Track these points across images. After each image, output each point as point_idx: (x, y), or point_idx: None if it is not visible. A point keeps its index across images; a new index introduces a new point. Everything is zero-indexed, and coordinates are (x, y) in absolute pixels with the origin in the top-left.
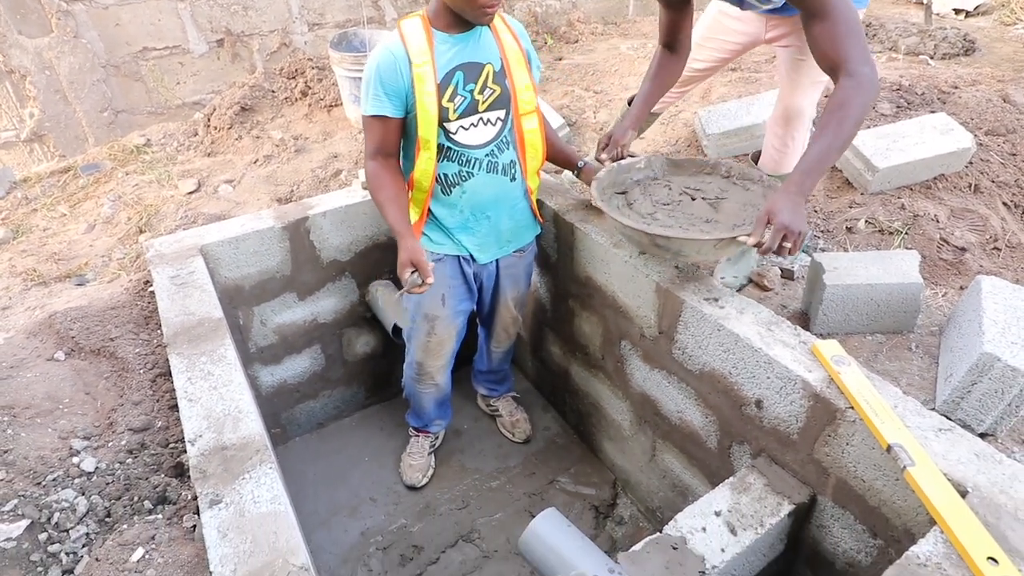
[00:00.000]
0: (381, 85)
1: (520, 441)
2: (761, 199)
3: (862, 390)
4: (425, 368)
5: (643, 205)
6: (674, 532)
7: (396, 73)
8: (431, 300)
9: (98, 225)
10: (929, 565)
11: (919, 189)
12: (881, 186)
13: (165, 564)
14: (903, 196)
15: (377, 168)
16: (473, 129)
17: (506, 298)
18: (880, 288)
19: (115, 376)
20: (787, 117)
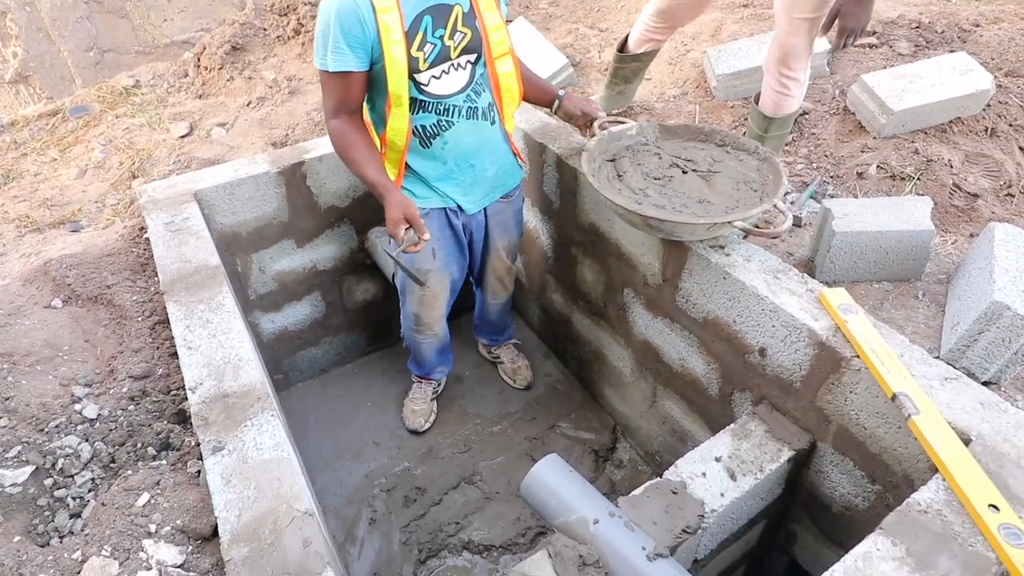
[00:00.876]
0: (342, 35)
1: (521, 387)
2: (755, 172)
3: (869, 339)
4: (423, 320)
5: (634, 178)
6: (674, 477)
7: (358, 21)
8: (422, 255)
9: (90, 170)
10: (930, 512)
11: (934, 133)
12: (895, 130)
13: (171, 508)
14: (917, 140)
15: (342, 126)
16: (445, 77)
17: (497, 248)
18: (890, 235)
19: (113, 323)
20: (783, 56)
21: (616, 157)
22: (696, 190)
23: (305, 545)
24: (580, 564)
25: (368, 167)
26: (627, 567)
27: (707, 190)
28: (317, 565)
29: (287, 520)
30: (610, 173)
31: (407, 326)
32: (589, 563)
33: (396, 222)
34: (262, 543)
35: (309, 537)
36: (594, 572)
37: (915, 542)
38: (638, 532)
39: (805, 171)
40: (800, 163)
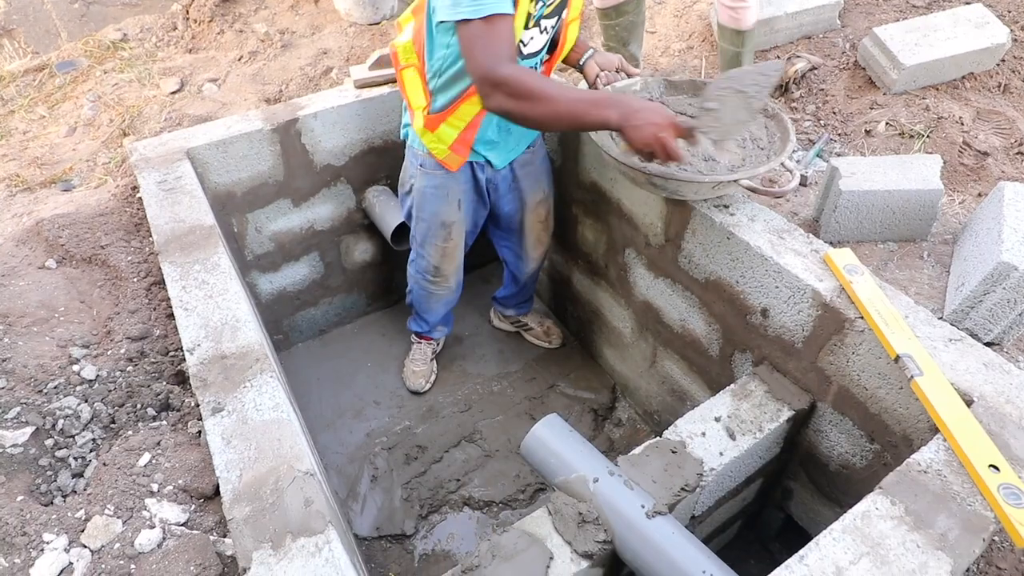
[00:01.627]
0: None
1: (557, 346)
2: (762, 130)
3: (873, 300)
4: (442, 271)
5: None
6: (674, 436)
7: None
8: (448, 207)
9: (79, 127)
10: (930, 472)
11: (945, 89)
12: (906, 85)
13: (172, 468)
14: (928, 96)
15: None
16: (536, 37)
17: (531, 202)
18: (898, 195)
19: (109, 284)
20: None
21: None
22: (701, 147)
23: (307, 504)
24: (579, 521)
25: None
26: (626, 524)
27: (712, 147)
28: (319, 524)
29: (288, 480)
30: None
31: (421, 280)
32: (588, 520)
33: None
34: (264, 503)
35: (311, 497)
36: (593, 529)
37: (914, 501)
38: (637, 490)
39: (812, 129)
40: (807, 120)
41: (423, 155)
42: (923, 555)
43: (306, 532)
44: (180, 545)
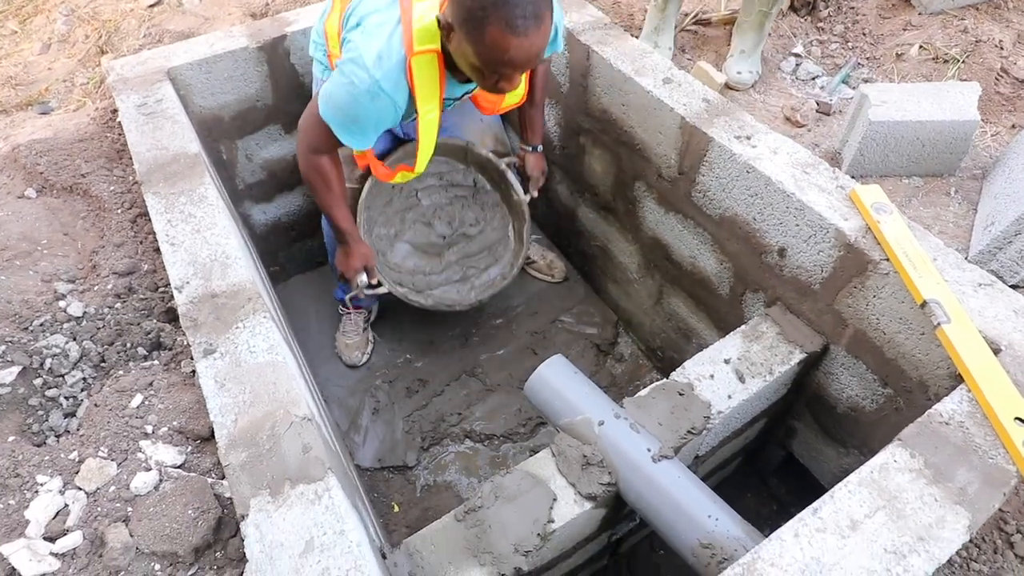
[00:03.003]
0: (371, 125)
1: (560, 280)
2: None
3: (901, 241)
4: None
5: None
6: (681, 379)
7: (392, 117)
8: None
9: (54, 44)
10: (951, 423)
11: (986, 9)
12: (944, 4)
13: (166, 410)
14: (967, 17)
15: (322, 164)
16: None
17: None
18: (930, 126)
19: (92, 216)
20: None
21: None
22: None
23: (305, 451)
24: (584, 463)
25: (339, 209)
26: (631, 468)
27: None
28: (318, 471)
29: (285, 426)
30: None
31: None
32: (593, 463)
33: (356, 270)
34: (260, 448)
35: (309, 443)
36: (597, 471)
37: (934, 454)
38: (643, 433)
39: (839, 52)
40: (834, 42)
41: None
42: (940, 509)
43: (305, 479)
44: (177, 488)
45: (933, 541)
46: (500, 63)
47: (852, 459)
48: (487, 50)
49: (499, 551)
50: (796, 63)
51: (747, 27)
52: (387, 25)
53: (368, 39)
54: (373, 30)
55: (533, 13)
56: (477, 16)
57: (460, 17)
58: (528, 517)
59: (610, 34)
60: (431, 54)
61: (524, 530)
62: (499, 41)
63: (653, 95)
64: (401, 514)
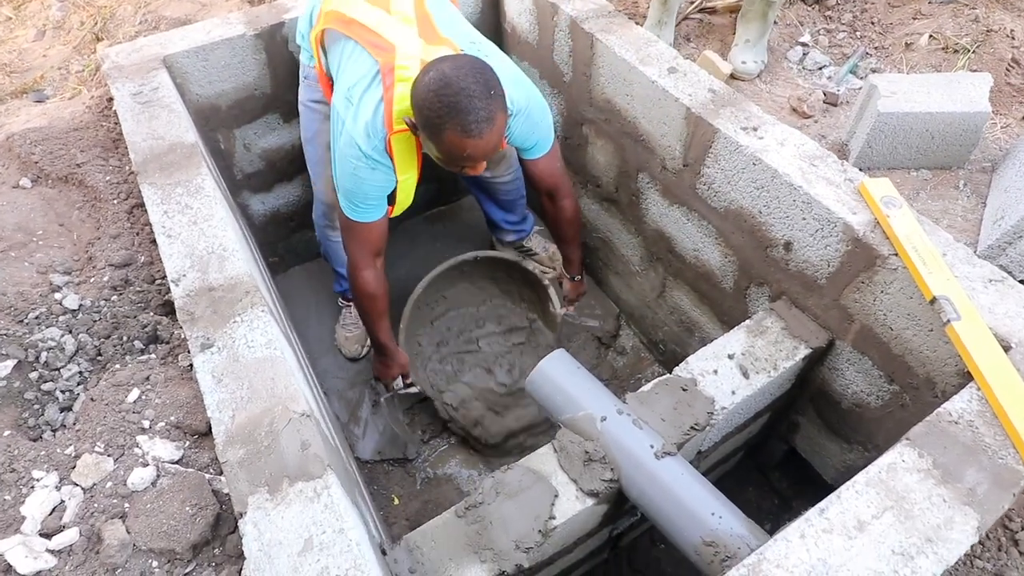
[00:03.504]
0: (377, 190)
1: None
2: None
3: (911, 236)
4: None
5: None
6: (684, 374)
7: (385, 183)
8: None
9: (49, 31)
10: (961, 422)
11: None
12: None
13: (163, 404)
14: (978, 5)
15: (375, 282)
16: None
17: None
18: (940, 118)
19: (88, 206)
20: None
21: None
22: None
23: (304, 448)
24: (586, 459)
25: (382, 326)
26: (634, 464)
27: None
28: (317, 468)
29: (283, 422)
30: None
31: (320, 222)
32: (595, 459)
33: (393, 377)
34: (258, 445)
35: (307, 440)
36: (600, 468)
37: (943, 454)
38: (646, 429)
39: (847, 41)
40: (842, 31)
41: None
42: (949, 510)
43: (304, 476)
44: (175, 484)
45: (941, 543)
46: (460, 159)
47: (856, 455)
48: (447, 149)
49: (500, 548)
50: (803, 52)
51: (752, 16)
52: (371, 104)
53: (357, 122)
54: (359, 109)
55: (486, 117)
56: (435, 123)
57: (421, 122)
58: (529, 514)
59: (614, 22)
60: (408, 133)
61: (525, 527)
62: (456, 143)
63: (658, 85)
64: (401, 507)
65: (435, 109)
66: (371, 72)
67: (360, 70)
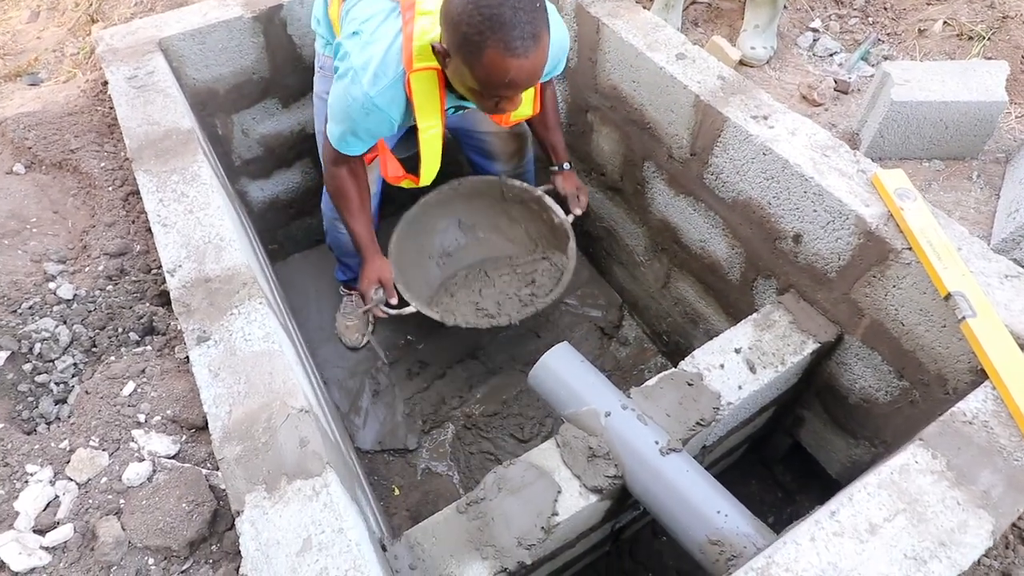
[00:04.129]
0: (367, 133)
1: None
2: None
3: (926, 230)
4: None
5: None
6: (690, 368)
7: (387, 128)
8: None
9: (43, 12)
10: (975, 423)
11: None
12: None
13: (159, 398)
14: None
15: (344, 174)
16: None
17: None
18: (955, 107)
19: (83, 193)
20: None
21: None
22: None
23: (302, 445)
24: (589, 455)
25: (358, 221)
26: (639, 461)
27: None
28: (316, 466)
29: (282, 418)
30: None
31: (329, 214)
32: (599, 455)
33: (370, 282)
34: (256, 442)
35: (306, 436)
36: (603, 464)
37: (956, 455)
38: (651, 425)
39: (859, 27)
40: (854, 16)
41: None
42: (963, 513)
43: (302, 474)
44: (171, 479)
45: (955, 547)
46: (500, 85)
47: (862, 450)
48: (486, 73)
49: (502, 544)
50: (813, 38)
51: (761, 0)
52: (385, 39)
53: (364, 52)
54: (370, 41)
55: (531, 33)
56: (474, 41)
57: (455, 43)
58: (532, 510)
59: (621, 6)
60: (431, 71)
61: (528, 523)
62: (498, 63)
63: (666, 71)
64: (402, 497)
65: (474, 23)
66: (387, 7)
67: (374, 6)
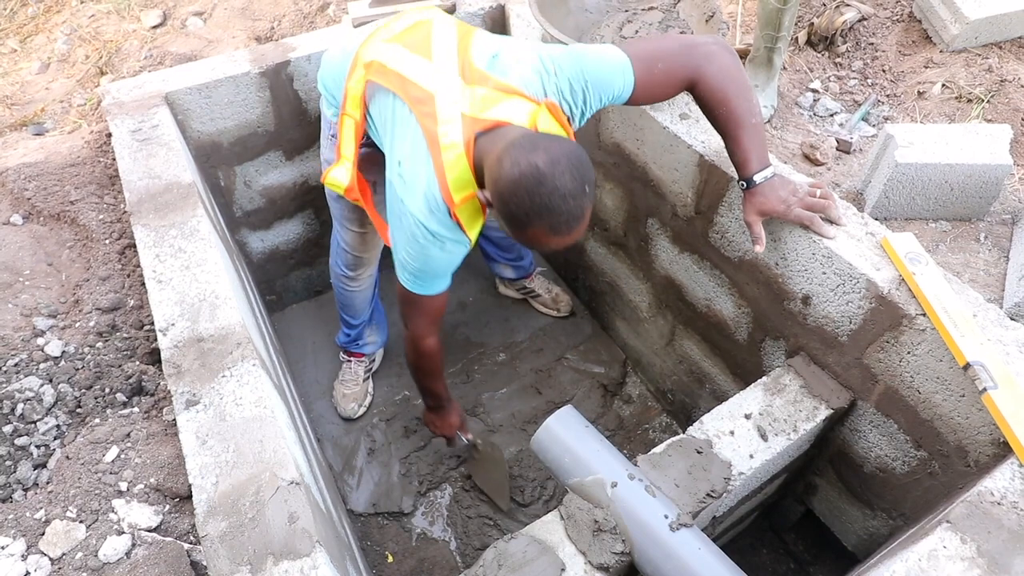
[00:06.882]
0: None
1: (566, 314)
2: None
3: (940, 296)
4: (364, 261)
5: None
6: (699, 435)
7: (458, 256)
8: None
9: (53, 64)
10: (1004, 503)
11: (1010, 47)
12: (967, 42)
13: (143, 465)
14: (991, 55)
15: (436, 348)
16: None
17: None
18: (960, 169)
19: (79, 246)
20: None
21: None
22: None
23: (291, 521)
24: (595, 529)
25: (440, 383)
26: (647, 536)
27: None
28: (305, 545)
29: (271, 491)
30: None
31: (340, 272)
32: (605, 529)
33: (454, 427)
34: (242, 517)
35: (295, 511)
36: (610, 539)
37: (987, 540)
38: (660, 497)
39: (858, 88)
40: (853, 78)
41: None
42: None
43: (290, 554)
44: (151, 555)
45: None
46: (540, 249)
47: (879, 522)
48: (527, 240)
49: None
50: (814, 98)
51: (758, 61)
52: (421, 181)
53: (413, 194)
54: (412, 183)
55: (577, 216)
56: (520, 219)
57: (501, 211)
58: None
59: None
60: (470, 199)
61: None
62: (540, 238)
63: (669, 131)
64: (396, 565)
65: (523, 207)
66: (417, 143)
67: (406, 140)
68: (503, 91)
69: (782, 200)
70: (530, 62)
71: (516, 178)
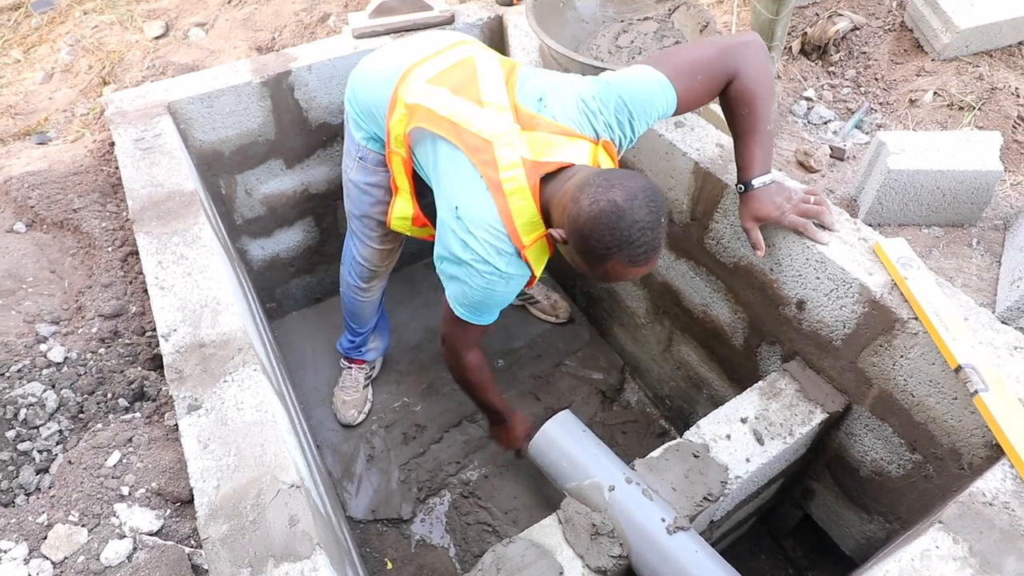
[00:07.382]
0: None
1: (564, 321)
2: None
3: (932, 300)
4: (379, 273)
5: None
6: (696, 439)
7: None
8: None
9: (57, 74)
10: (996, 504)
11: (1000, 56)
12: (958, 51)
13: (145, 469)
14: (981, 64)
15: (480, 360)
16: None
17: None
18: (951, 175)
19: (82, 253)
20: None
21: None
22: None
23: (292, 524)
24: (593, 533)
25: (494, 394)
26: (645, 540)
27: None
28: (305, 547)
29: (271, 494)
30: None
31: (352, 283)
32: (603, 533)
33: (520, 440)
34: (243, 520)
35: (296, 514)
36: (608, 542)
37: (979, 540)
38: (657, 501)
39: (851, 96)
40: (846, 87)
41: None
42: None
43: (291, 557)
44: (152, 559)
45: None
46: (616, 280)
47: (876, 526)
48: (604, 274)
49: None
50: (808, 107)
51: None
52: (486, 220)
53: (481, 242)
54: (476, 226)
55: (654, 247)
56: (599, 253)
57: (579, 247)
58: None
59: None
60: (540, 241)
61: None
62: (619, 271)
63: (665, 139)
64: (395, 571)
65: (603, 242)
66: (476, 189)
67: (461, 185)
68: (560, 133)
69: (777, 206)
70: (573, 103)
71: (596, 215)
